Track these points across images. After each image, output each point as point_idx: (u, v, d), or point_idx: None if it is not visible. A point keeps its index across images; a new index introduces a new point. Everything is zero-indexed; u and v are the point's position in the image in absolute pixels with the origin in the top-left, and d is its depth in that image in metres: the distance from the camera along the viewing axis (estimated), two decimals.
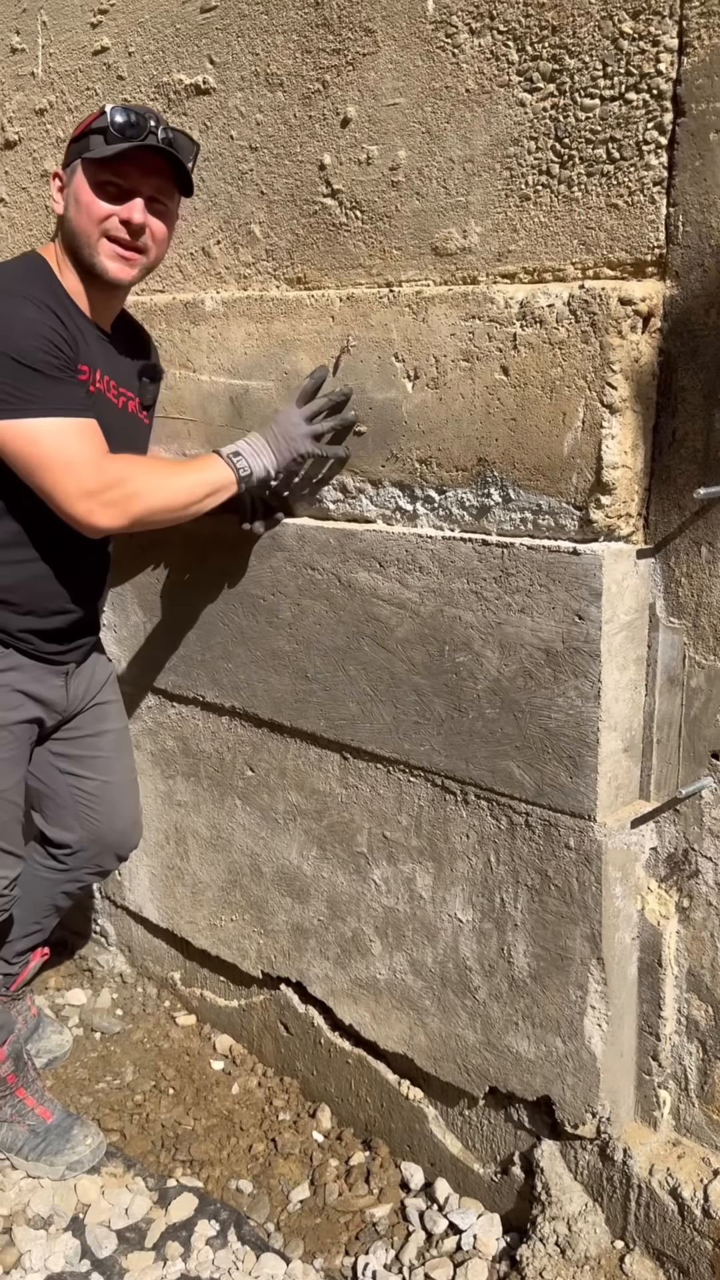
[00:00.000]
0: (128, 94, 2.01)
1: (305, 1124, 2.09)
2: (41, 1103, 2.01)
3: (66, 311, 1.63)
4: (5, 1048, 1.97)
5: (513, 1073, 1.77)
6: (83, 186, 1.59)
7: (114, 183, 1.58)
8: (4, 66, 2.27)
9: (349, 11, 1.63)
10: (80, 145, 1.60)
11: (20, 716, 1.80)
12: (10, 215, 2.37)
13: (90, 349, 1.67)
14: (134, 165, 1.57)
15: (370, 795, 1.88)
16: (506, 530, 1.58)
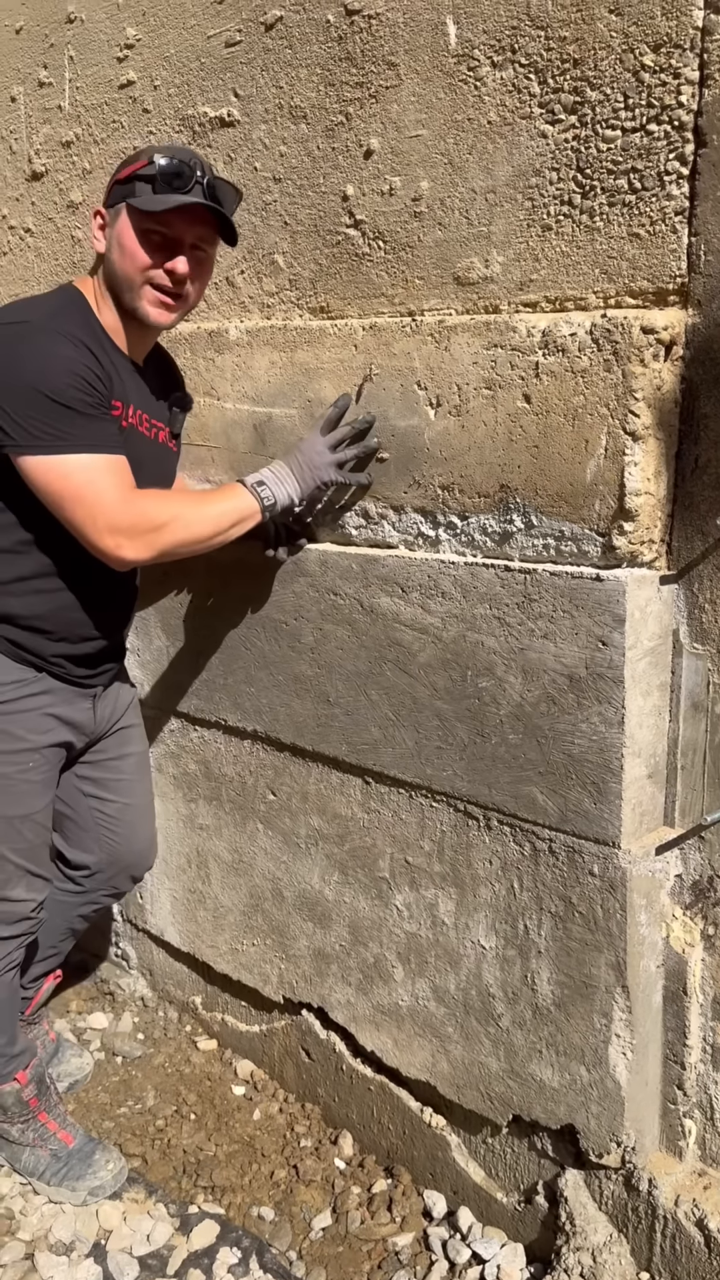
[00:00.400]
0: (153, 126, 2.05)
1: (327, 1151, 2.08)
2: (64, 1127, 2.00)
3: (101, 347, 1.65)
4: (28, 1072, 1.97)
5: (536, 1101, 1.76)
6: (127, 232, 1.61)
7: (159, 232, 1.61)
8: (32, 100, 2.31)
9: (372, 46, 1.66)
10: (126, 189, 1.61)
11: (51, 740, 1.83)
12: (37, 245, 2.40)
13: (124, 384, 1.69)
14: (179, 216, 1.60)
15: (392, 820, 1.88)
16: (529, 556, 1.58)
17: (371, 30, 1.65)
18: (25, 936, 1.93)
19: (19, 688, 1.77)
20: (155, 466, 1.79)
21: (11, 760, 1.78)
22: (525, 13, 1.47)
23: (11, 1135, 1.98)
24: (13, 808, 1.81)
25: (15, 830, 1.82)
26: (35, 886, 1.89)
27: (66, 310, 1.66)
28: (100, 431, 1.59)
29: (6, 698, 1.76)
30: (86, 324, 1.66)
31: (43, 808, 1.86)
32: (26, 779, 1.81)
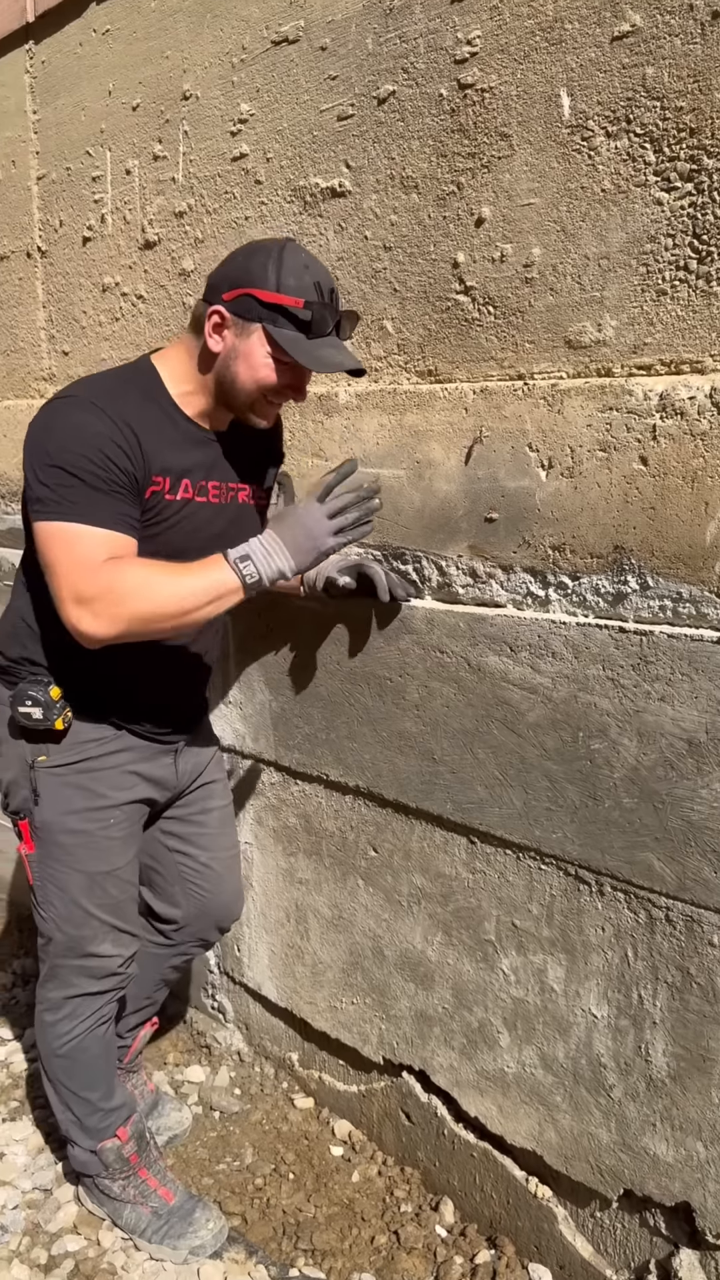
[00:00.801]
0: (265, 197, 2.11)
1: (428, 1217, 2.04)
2: (164, 1184, 2.00)
3: (153, 420, 1.64)
4: (128, 1128, 1.98)
5: (649, 1176, 1.71)
6: (259, 355, 1.60)
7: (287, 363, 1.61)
8: (146, 172, 2.41)
9: (485, 118, 1.69)
10: (267, 315, 1.58)
11: (132, 797, 1.86)
12: (149, 312, 2.49)
13: (181, 457, 1.68)
14: None
15: (499, 881, 1.86)
16: (644, 618, 1.57)
17: (485, 103, 1.69)
18: (115, 992, 1.95)
19: (99, 745, 1.80)
20: (233, 529, 1.77)
21: (93, 817, 1.81)
22: (641, 84, 1.49)
23: (113, 1191, 1.98)
24: (96, 864, 1.83)
25: (99, 886, 1.84)
26: (122, 942, 1.91)
27: (123, 389, 1.65)
28: (101, 505, 1.56)
29: (87, 755, 1.80)
30: (144, 402, 1.65)
31: (126, 864, 1.88)
32: (108, 835, 1.83)
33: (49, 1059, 1.95)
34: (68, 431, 1.57)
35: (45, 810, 1.80)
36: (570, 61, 1.57)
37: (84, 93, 2.54)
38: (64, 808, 1.80)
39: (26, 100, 2.74)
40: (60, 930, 1.86)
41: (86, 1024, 1.92)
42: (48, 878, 1.84)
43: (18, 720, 1.75)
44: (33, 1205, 2.08)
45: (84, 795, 1.80)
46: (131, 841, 1.89)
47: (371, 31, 1.84)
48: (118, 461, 1.57)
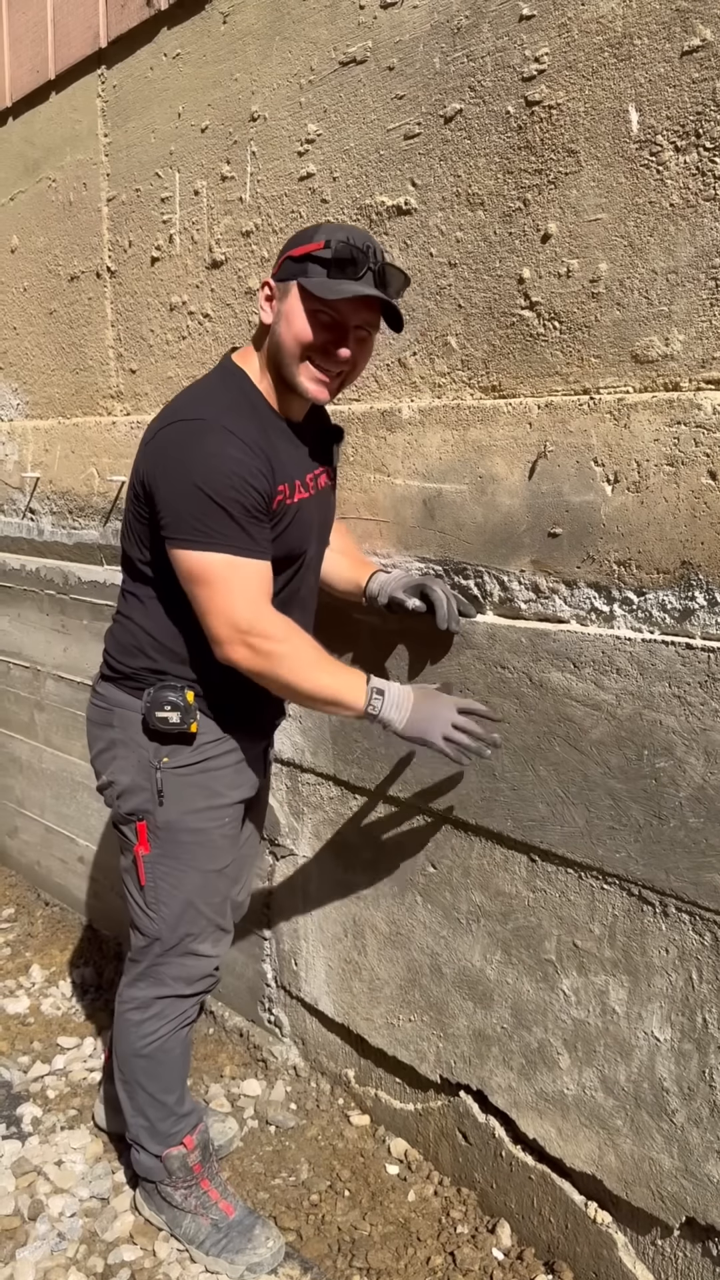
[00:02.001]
0: (330, 215, 2.13)
1: (484, 1239, 2.01)
2: (225, 1197, 2.00)
3: (264, 430, 1.70)
4: (195, 1136, 1.99)
5: (713, 1204, 1.67)
6: (296, 310, 1.64)
7: (328, 314, 1.64)
8: (214, 193, 2.45)
9: (551, 135, 1.70)
10: (299, 267, 1.64)
11: (241, 795, 1.94)
12: (215, 330, 2.52)
13: (287, 461, 1.74)
14: (349, 302, 1.63)
15: (560, 901, 1.84)
16: (713, 634, 1.55)
17: (552, 120, 1.69)
18: (202, 995, 2.00)
19: (217, 745, 1.87)
20: (322, 514, 1.88)
21: (211, 816, 1.88)
22: (711, 99, 1.48)
23: (174, 1199, 1.99)
24: (210, 862, 1.90)
25: (211, 885, 1.91)
26: (220, 942, 1.98)
27: (238, 404, 1.71)
28: (249, 537, 1.64)
29: (208, 755, 1.86)
30: (253, 409, 1.72)
31: (233, 861, 1.96)
32: (223, 833, 1.91)
33: (129, 1060, 1.97)
34: (210, 460, 1.62)
35: (169, 810, 1.85)
36: (639, 77, 1.57)
37: (154, 116, 2.59)
38: (186, 807, 1.85)
39: (98, 124, 2.80)
40: (170, 929, 1.90)
41: (172, 1025, 1.96)
42: (162, 877, 1.88)
43: (152, 724, 1.80)
44: (90, 1213, 2.10)
45: (205, 794, 1.86)
46: (236, 840, 1.97)
47: (439, 51, 1.85)
48: (258, 487, 1.64)
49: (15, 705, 3.60)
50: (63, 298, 3.11)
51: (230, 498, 1.60)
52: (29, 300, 3.28)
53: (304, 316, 1.64)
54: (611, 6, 1.58)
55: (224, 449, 1.62)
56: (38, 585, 3.32)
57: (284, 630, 1.69)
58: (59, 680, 3.28)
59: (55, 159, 3.02)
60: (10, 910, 3.55)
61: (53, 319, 3.18)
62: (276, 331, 1.70)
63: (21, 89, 3.10)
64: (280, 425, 1.77)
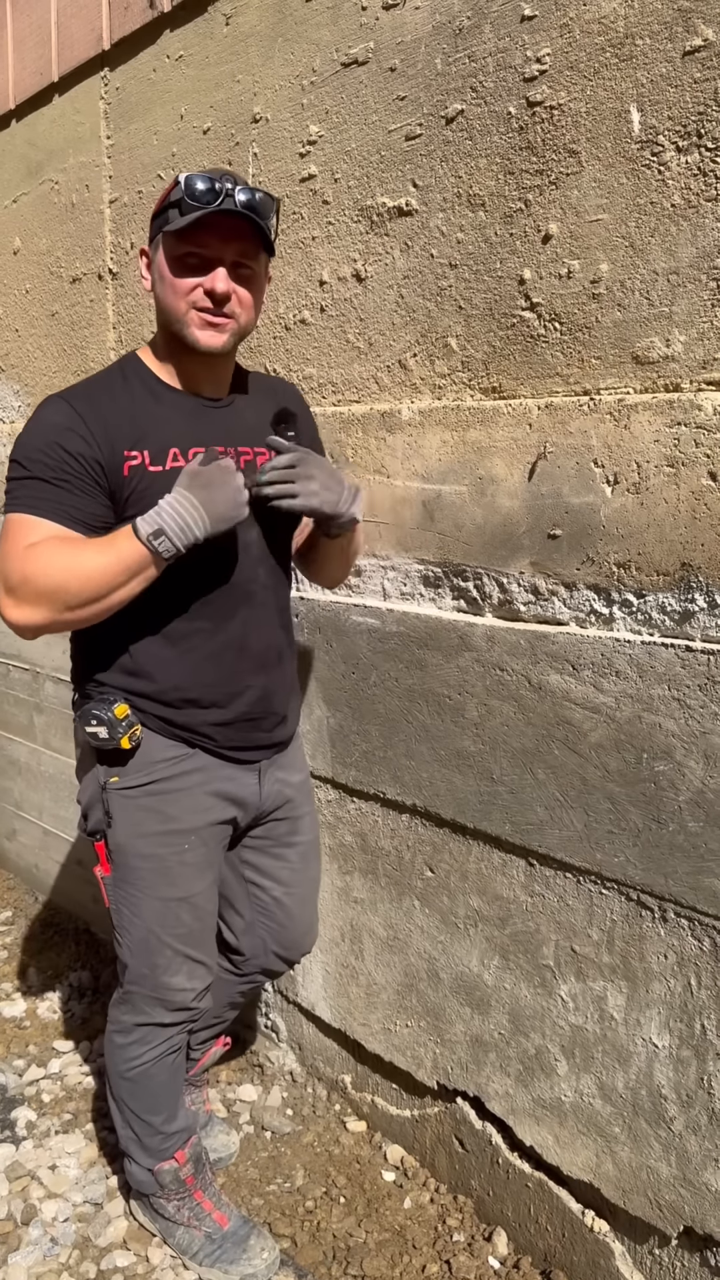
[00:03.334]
0: (332, 217, 2.13)
1: (480, 1248, 2.00)
2: (218, 1207, 1.98)
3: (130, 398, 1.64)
4: (186, 1150, 1.96)
5: (711, 1213, 1.65)
6: (164, 262, 1.58)
7: (195, 253, 1.56)
8: None
9: (553, 135, 1.69)
10: (160, 220, 1.59)
11: (210, 819, 1.80)
12: None
13: (164, 427, 1.65)
14: (212, 233, 1.54)
15: (558, 905, 1.83)
16: (712, 636, 1.54)
17: (553, 120, 1.68)
18: (186, 1024, 1.92)
19: (171, 765, 1.75)
20: None
21: (166, 841, 1.76)
22: (713, 98, 1.47)
23: (166, 1211, 1.97)
24: (168, 890, 1.78)
25: (172, 914, 1.79)
26: (196, 974, 1.86)
27: (98, 378, 1.68)
28: (46, 496, 1.55)
29: (159, 776, 1.75)
30: (123, 381, 1.66)
31: (202, 890, 1.82)
32: (182, 861, 1.78)
33: (115, 1079, 1.92)
34: (29, 428, 1.60)
35: (119, 833, 1.76)
36: (640, 77, 1.56)
37: (156, 117, 2.59)
38: (136, 830, 1.75)
39: (101, 126, 2.80)
40: (134, 956, 1.82)
41: (155, 1052, 1.88)
42: (122, 901, 1.80)
43: (86, 740, 1.73)
44: (83, 1219, 2.08)
45: (157, 818, 1.75)
46: (208, 867, 1.83)
47: (440, 52, 1.85)
48: (71, 448, 1.56)
49: (14, 708, 3.60)
50: (65, 300, 3.10)
51: (35, 459, 1.55)
52: (31, 302, 3.28)
53: (170, 266, 1.58)
54: (613, 7, 1.58)
55: (44, 415, 1.60)
56: None
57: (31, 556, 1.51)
58: (58, 682, 3.28)
59: (58, 161, 3.02)
60: (8, 913, 3.54)
61: (55, 321, 3.18)
62: (157, 295, 1.64)
63: (25, 91, 3.10)
64: (169, 395, 1.69)
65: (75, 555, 1.52)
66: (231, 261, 1.58)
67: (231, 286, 1.58)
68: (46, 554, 1.52)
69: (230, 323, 1.62)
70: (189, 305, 1.59)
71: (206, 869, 1.82)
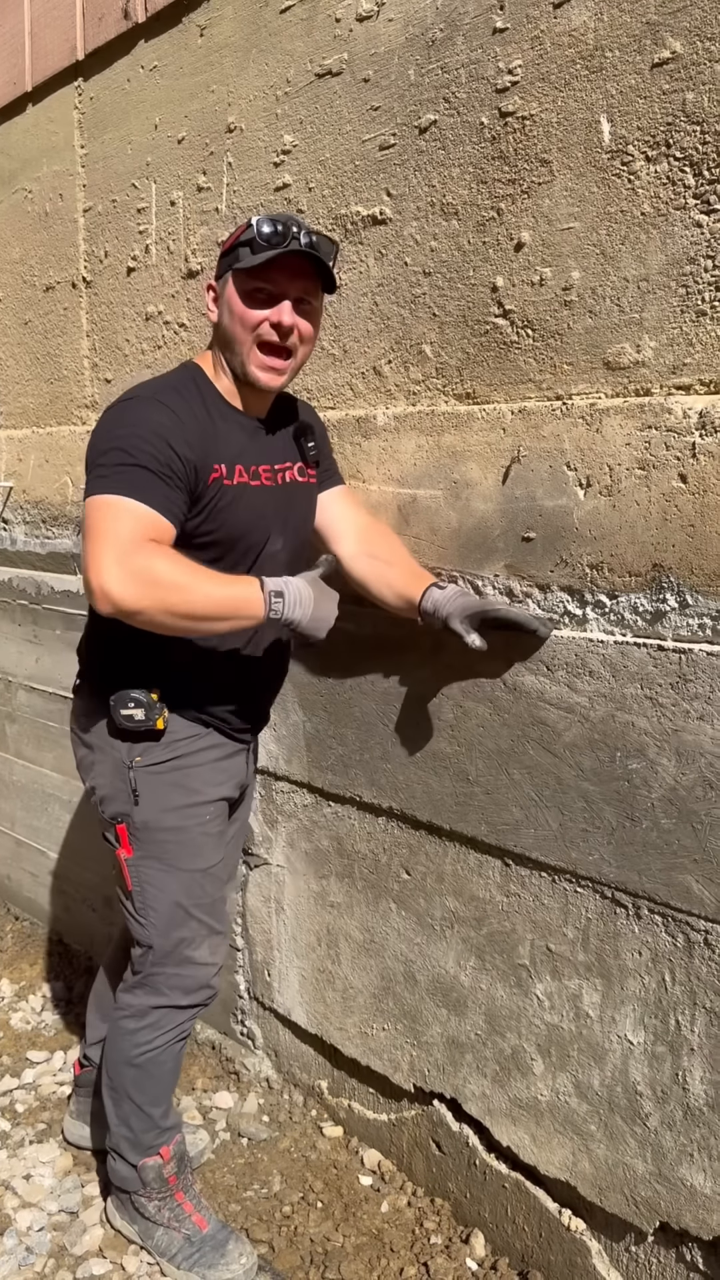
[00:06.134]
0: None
1: (458, 1250, 2.00)
2: (199, 1210, 1.97)
3: (208, 412, 1.74)
4: (172, 1148, 1.96)
5: (686, 1208, 1.66)
6: (234, 296, 1.70)
7: (263, 289, 1.67)
8: (190, 203, 2.46)
9: (525, 145, 1.72)
10: (230, 258, 1.71)
11: (222, 793, 1.93)
12: (190, 339, 2.53)
13: (232, 444, 1.76)
14: (280, 271, 1.66)
15: (533, 905, 1.84)
16: (683, 636, 1.56)
17: (525, 130, 1.72)
18: (200, 1008, 1.97)
19: (191, 742, 1.86)
20: (286, 507, 1.85)
21: (190, 813, 1.87)
22: (681, 109, 1.51)
23: (147, 1211, 1.96)
24: (194, 861, 1.88)
25: (199, 885, 1.90)
26: (217, 948, 1.96)
27: (179, 383, 1.76)
28: (154, 486, 1.60)
29: (183, 752, 1.85)
30: (197, 392, 1.75)
31: (219, 861, 1.94)
32: (205, 831, 1.89)
33: (120, 1068, 1.93)
34: (135, 423, 1.64)
35: (145, 809, 1.84)
36: (610, 88, 1.59)
37: (131, 127, 2.61)
38: (163, 805, 1.84)
39: (75, 135, 2.81)
40: (162, 935, 1.88)
41: (167, 1036, 1.93)
42: (147, 881, 1.87)
43: (118, 723, 1.80)
44: (59, 1227, 2.07)
45: (181, 792, 1.85)
46: (222, 839, 1.96)
47: (414, 63, 1.88)
48: (179, 450, 1.63)
49: None
50: (38, 308, 3.11)
51: (145, 450, 1.60)
52: (3, 311, 3.28)
53: (241, 299, 1.69)
54: (584, 20, 1.61)
55: (149, 414, 1.65)
56: (10, 595, 3.30)
57: (160, 555, 1.58)
58: (31, 691, 3.26)
59: (31, 170, 3.03)
60: None
61: (28, 329, 3.17)
62: (223, 325, 1.74)
63: None
64: (233, 414, 1.79)
65: (197, 572, 1.61)
66: (295, 297, 1.69)
67: (295, 319, 1.69)
68: (178, 565, 1.59)
69: (289, 364, 1.74)
70: (254, 339, 1.69)
71: (221, 840, 1.95)
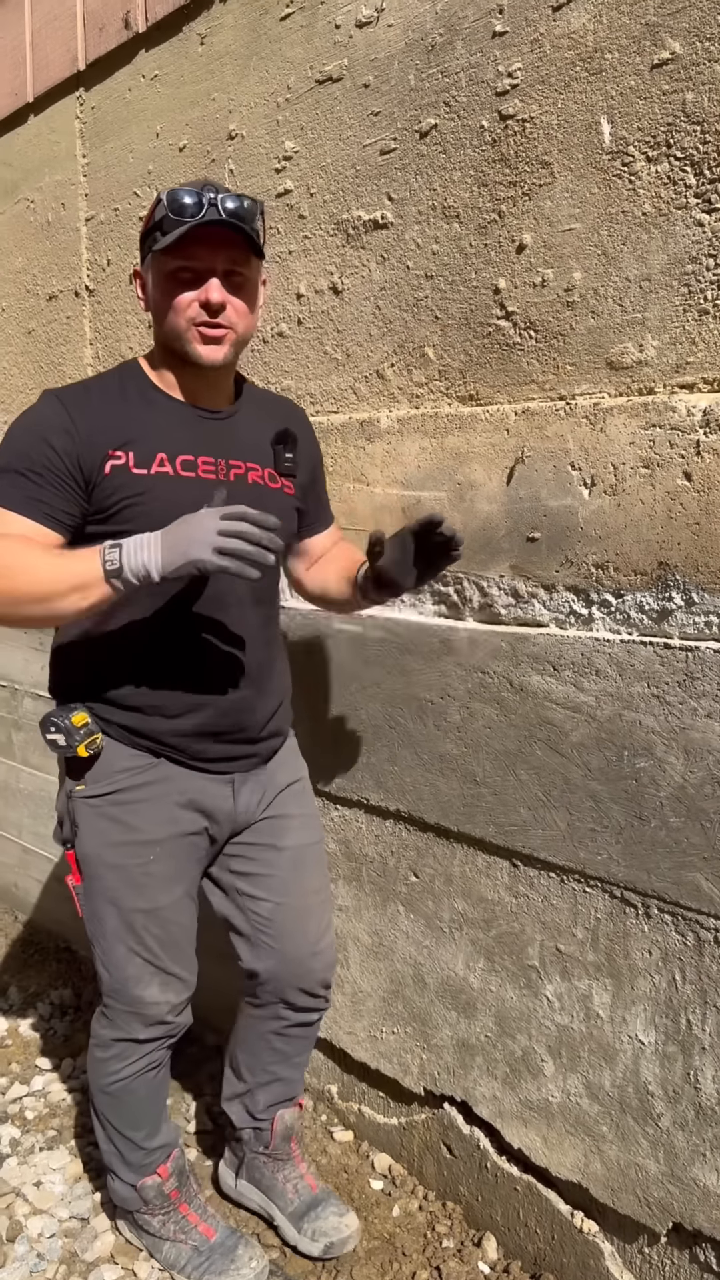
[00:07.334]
0: (308, 231, 2.16)
1: (470, 1253, 1.99)
2: (204, 1220, 1.96)
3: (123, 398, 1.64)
4: (169, 1165, 1.93)
5: (699, 1209, 1.66)
6: (159, 281, 1.59)
7: (186, 267, 1.55)
8: None
9: (525, 147, 1.73)
10: (149, 240, 1.58)
11: (176, 831, 1.74)
12: None
13: (157, 431, 1.63)
14: (200, 245, 1.53)
15: (542, 905, 1.84)
16: (690, 634, 1.57)
17: (525, 133, 1.72)
18: (164, 1040, 1.86)
19: (132, 775, 1.71)
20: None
21: (130, 853, 1.72)
22: (681, 110, 1.52)
23: (152, 1227, 1.95)
24: (136, 900, 1.74)
25: (141, 925, 1.75)
26: (170, 987, 1.80)
27: (101, 376, 1.69)
28: (17, 488, 1.54)
29: (119, 786, 1.71)
30: (117, 381, 1.67)
31: (171, 902, 1.76)
32: (147, 872, 1.73)
33: (96, 1093, 1.89)
34: (18, 421, 1.60)
35: (84, 842, 1.74)
36: (610, 90, 1.60)
37: (132, 136, 2.62)
38: (101, 840, 1.72)
39: (76, 145, 2.83)
40: (105, 969, 1.79)
41: (135, 1067, 1.84)
42: (92, 913, 1.78)
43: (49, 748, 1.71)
44: (70, 1234, 2.06)
45: (119, 828, 1.71)
46: (179, 879, 1.76)
47: (414, 68, 1.89)
48: (54, 442, 1.55)
49: None
50: (41, 317, 3.12)
51: (18, 451, 1.54)
52: (7, 320, 3.29)
53: (165, 283, 1.58)
54: (583, 22, 1.62)
55: (34, 410, 1.59)
56: None
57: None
58: (37, 699, 3.26)
59: (33, 180, 3.04)
60: None
61: (31, 338, 3.19)
62: (155, 315, 1.64)
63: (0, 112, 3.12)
64: (166, 402, 1.68)
65: (32, 556, 1.49)
66: (223, 270, 1.57)
67: (226, 296, 1.57)
68: (7, 548, 1.50)
69: (229, 333, 1.61)
70: (188, 322, 1.58)
71: (175, 881, 1.76)
